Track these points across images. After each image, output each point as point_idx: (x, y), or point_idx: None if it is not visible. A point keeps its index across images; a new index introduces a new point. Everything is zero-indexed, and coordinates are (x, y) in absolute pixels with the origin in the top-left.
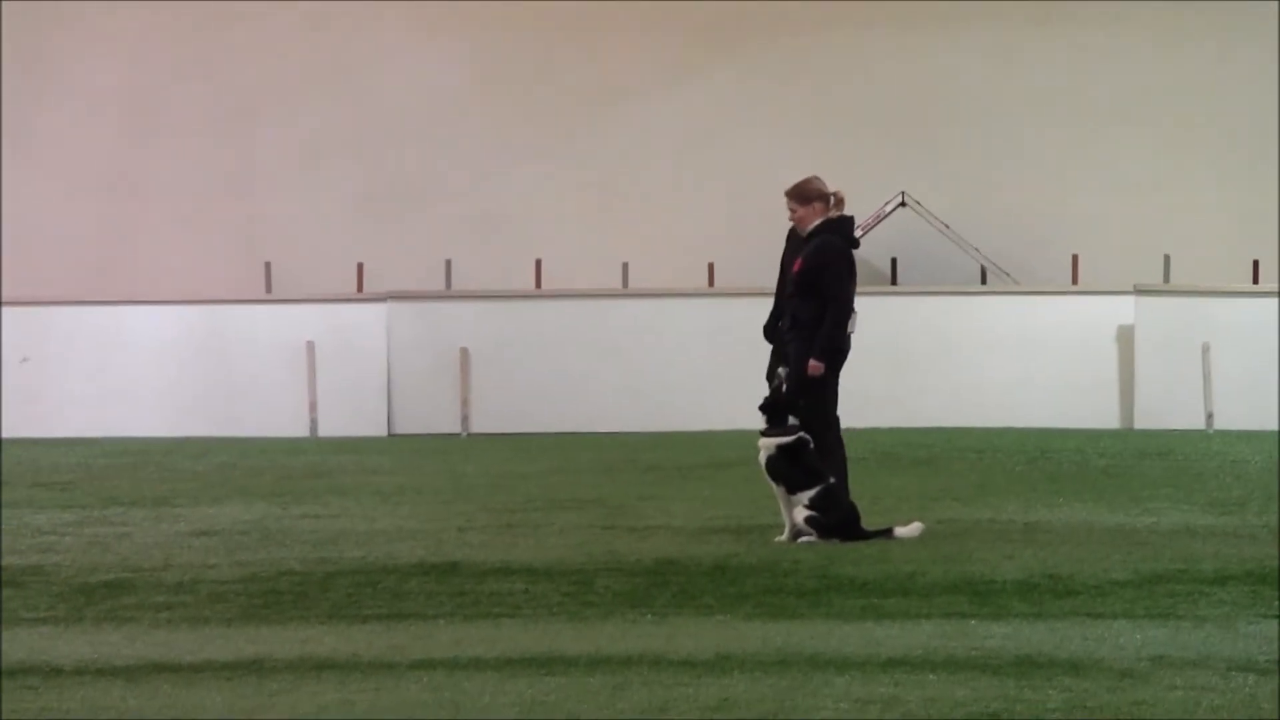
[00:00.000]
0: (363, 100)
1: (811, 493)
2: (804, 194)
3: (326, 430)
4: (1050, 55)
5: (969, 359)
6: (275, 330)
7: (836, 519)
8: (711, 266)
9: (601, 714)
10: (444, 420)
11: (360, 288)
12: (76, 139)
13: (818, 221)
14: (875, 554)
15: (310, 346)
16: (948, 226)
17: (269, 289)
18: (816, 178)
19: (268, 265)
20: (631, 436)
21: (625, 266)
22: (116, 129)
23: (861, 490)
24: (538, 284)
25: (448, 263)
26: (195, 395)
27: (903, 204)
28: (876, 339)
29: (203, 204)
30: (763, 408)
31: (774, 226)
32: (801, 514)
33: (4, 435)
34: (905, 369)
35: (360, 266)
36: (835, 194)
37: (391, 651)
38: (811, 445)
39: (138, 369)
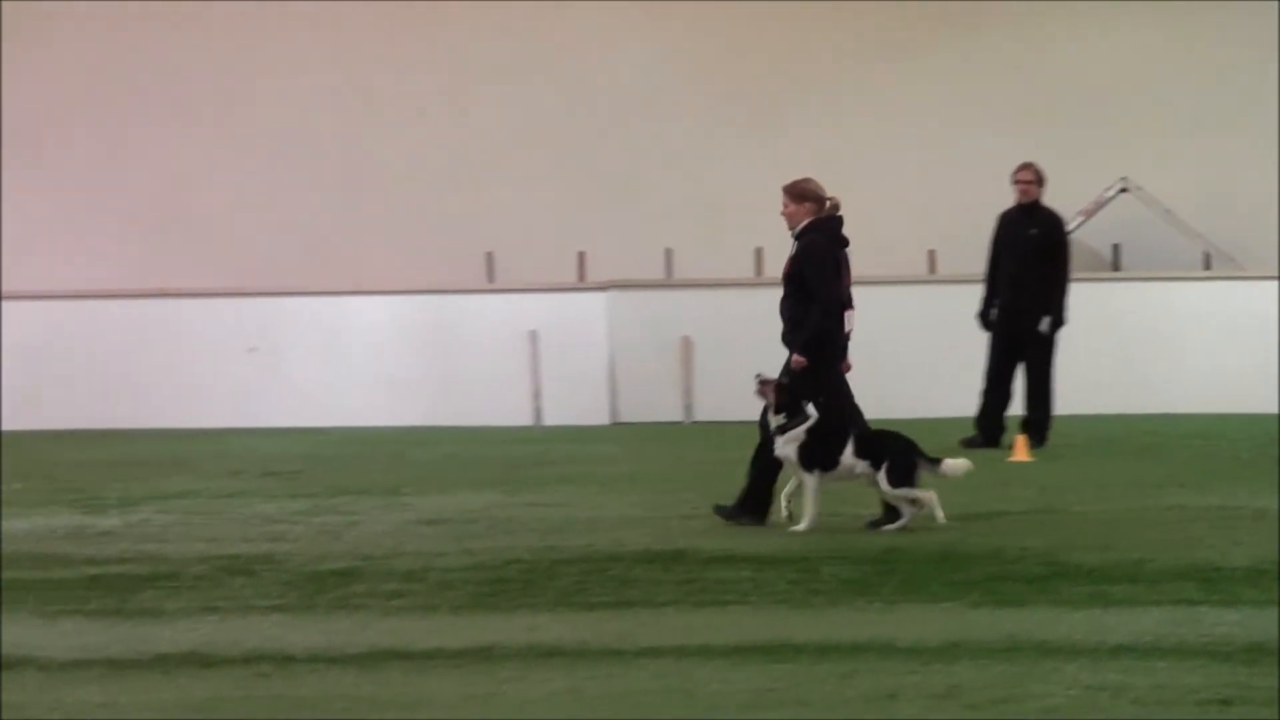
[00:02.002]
0: (584, 88)
1: (883, 470)
2: (798, 193)
3: (551, 419)
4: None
5: (1193, 345)
6: (498, 320)
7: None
8: (932, 253)
9: (829, 702)
10: (667, 408)
11: (582, 277)
12: (302, 130)
13: (806, 221)
14: (1102, 541)
15: (533, 336)
16: (1169, 212)
17: (491, 279)
18: (814, 180)
19: (489, 255)
20: None
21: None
22: (341, 119)
23: (1086, 477)
24: (758, 272)
25: (668, 251)
26: (420, 385)
27: (1124, 190)
28: (1099, 325)
29: (426, 194)
30: (777, 409)
31: (992, 213)
32: (893, 490)
33: (236, 425)
34: (1128, 355)
35: (581, 255)
36: (831, 199)
37: (619, 639)
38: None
39: (364, 359)
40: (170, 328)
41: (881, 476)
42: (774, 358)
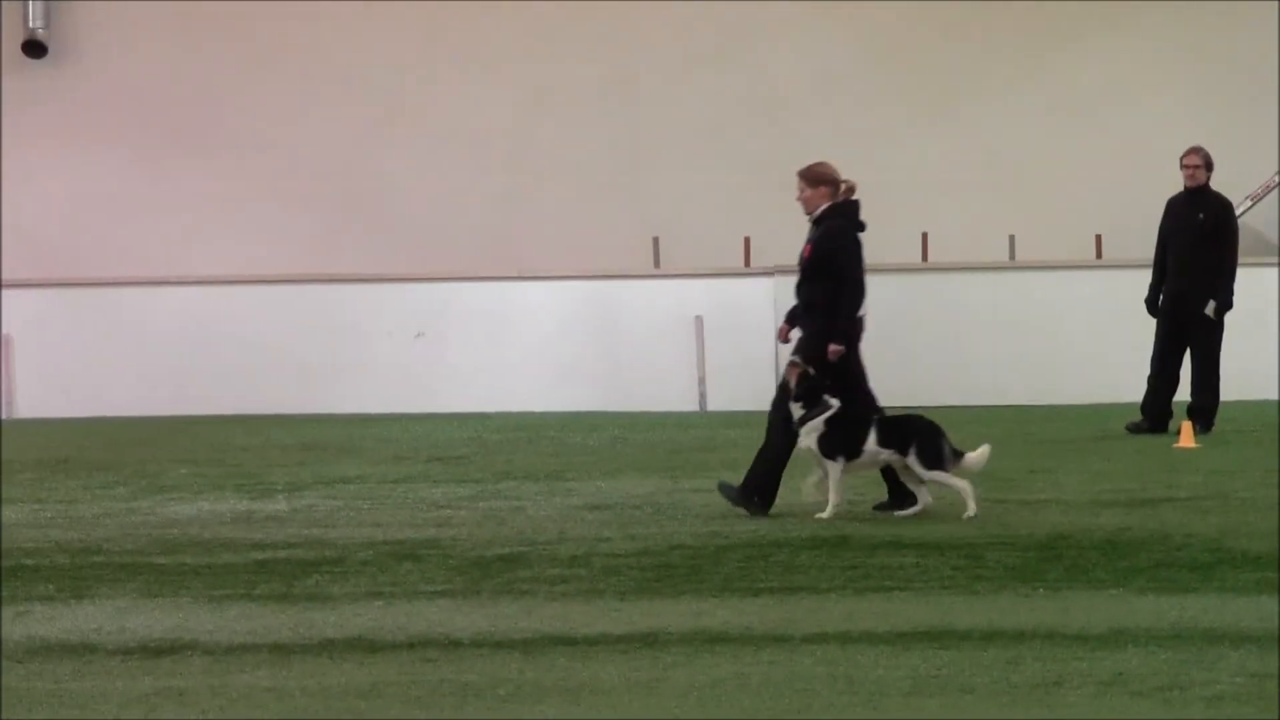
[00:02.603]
0: (750, 74)
1: (912, 453)
2: (814, 177)
3: (715, 404)
4: None
5: None
6: (664, 305)
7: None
8: (1099, 238)
9: (994, 688)
10: None
11: (747, 262)
12: (470, 115)
13: (825, 205)
14: (1269, 527)
15: (699, 321)
16: None
17: (657, 264)
18: (829, 163)
19: (656, 240)
20: (1020, 409)
21: (1012, 239)
22: (510, 105)
23: (1252, 462)
24: (924, 257)
25: None
26: (586, 370)
27: None
28: (1267, 310)
29: (593, 179)
30: (796, 397)
31: (1160, 197)
32: (929, 473)
33: (402, 410)
34: None
35: (747, 241)
36: (846, 182)
37: (784, 625)
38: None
39: (529, 344)
40: (339, 313)
41: (914, 460)
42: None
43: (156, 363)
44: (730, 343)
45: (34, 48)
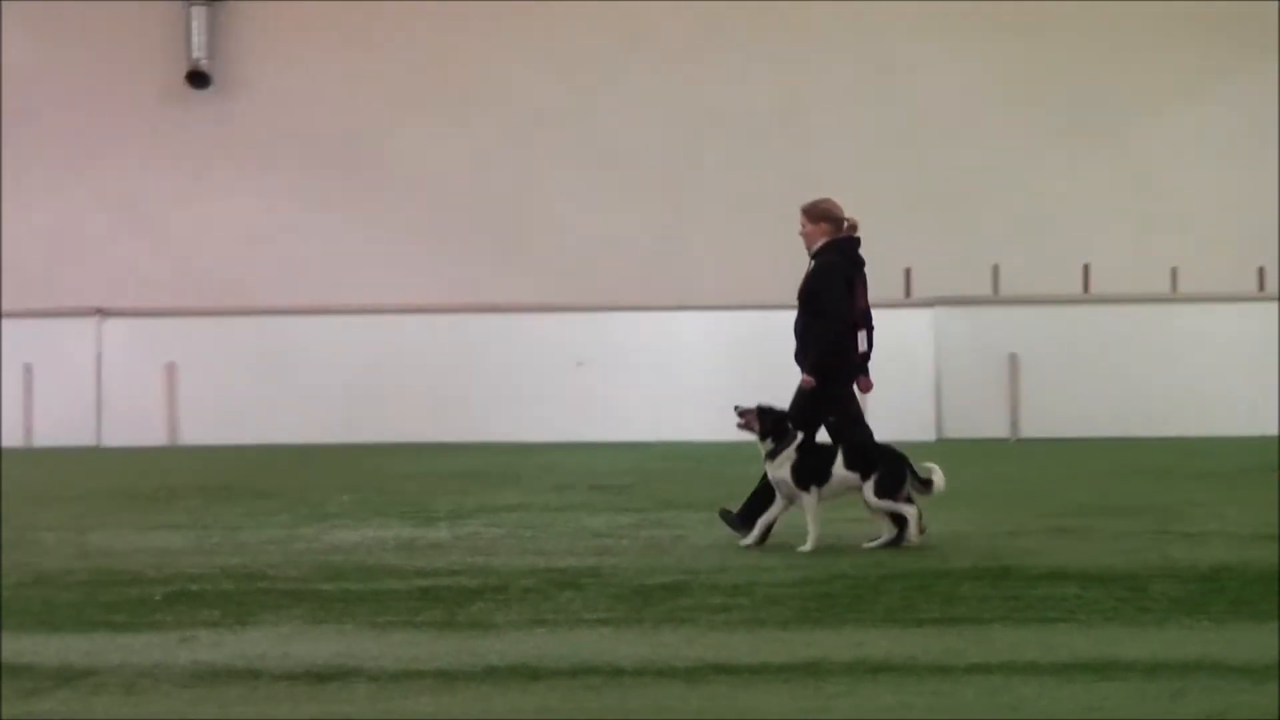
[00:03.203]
0: (909, 106)
1: (871, 480)
2: (817, 213)
3: (876, 434)
4: None
5: None
6: None
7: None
8: (1261, 270)
9: None
10: (993, 424)
11: (908, 293)
12: (632, 147)
13: (822, 241)
14: None
15: None
16: None
17: None
18: (832, 200)
19: None
20: (1182, 441)
21: (1174, 271)
22: (672, 136)
23: None
24: (1085, 288)
25: (995, 268)
26: (746, 399)
27: None
28: None
29: (754, 209)
30: (763, 434)
31: None
32: (877, 500)
33: (564, 439)
34: None
35: (908, 272)
36: (849, 220)
37: (947, 655)
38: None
39: (690, 373)
40: (501, 342)
41: (868, 486)
42: (1102, 373)
43: (319, 391)
44: (890, 373)
45: (197, 78)
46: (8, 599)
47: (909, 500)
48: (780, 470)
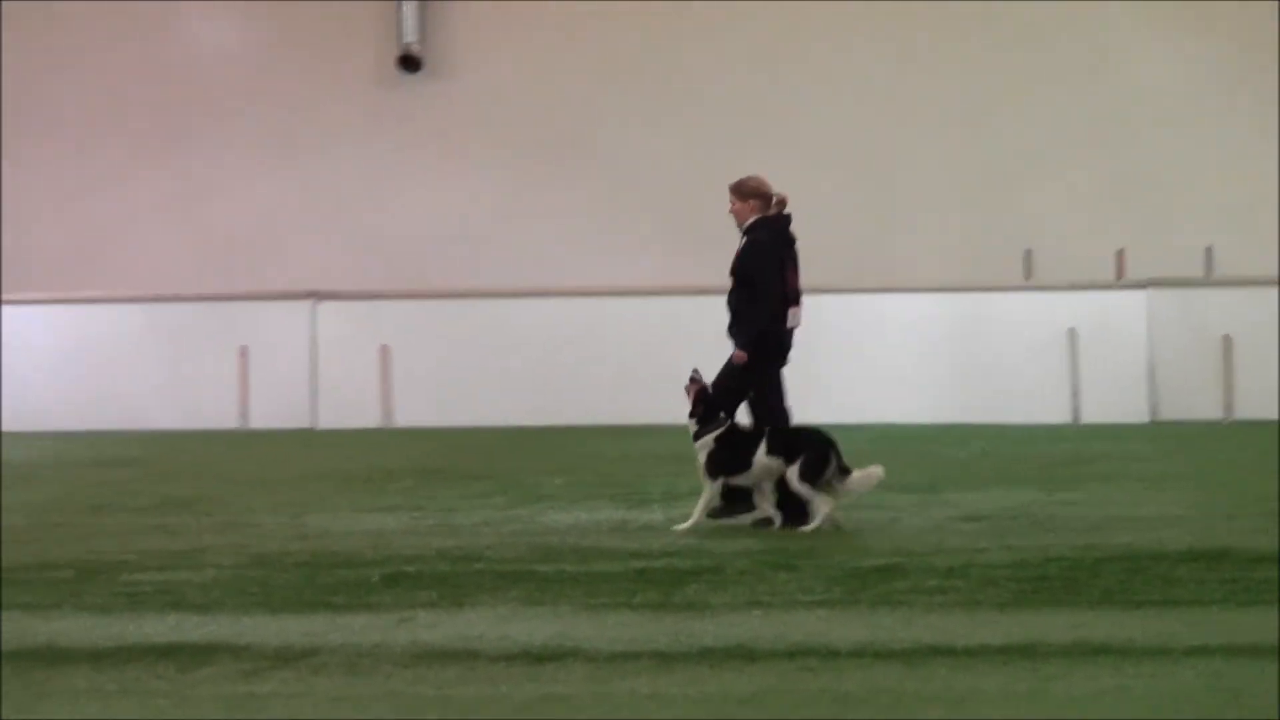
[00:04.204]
0: (1120, 87)
1: (796, 465)
2: (742, 190)
3: (1088, 417)
4: None
5: None
6: (1036, 317)
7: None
8: None
9: None
10: (1206, 407)
11: (1120, 274)
12: (839, 127)
13: (753, 219)
14: None
15: (1071, 334)
16: None
17: (1029, 276)
18: (758, 177)
19: (1028, 252)
20: None
21: None
22: (881, 117)
23: None
24: None
25: (1208, 250)
26: (956, 382)
27: None
28: None
29: (963, 192)
30: (692, 413)
31: None
32: (799, 485)
33: None
34: None
35: (1120, 253)
36: (778, 196)
37: (1165, 638)
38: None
39: (899, 356)
40: (710, 324)
41: (793, 471)
42: None
43: (530, 373)
44: (1103, 355)
45: (408, 62)
46: (226, 580)
47: (829, 486)
48: (700, 455)
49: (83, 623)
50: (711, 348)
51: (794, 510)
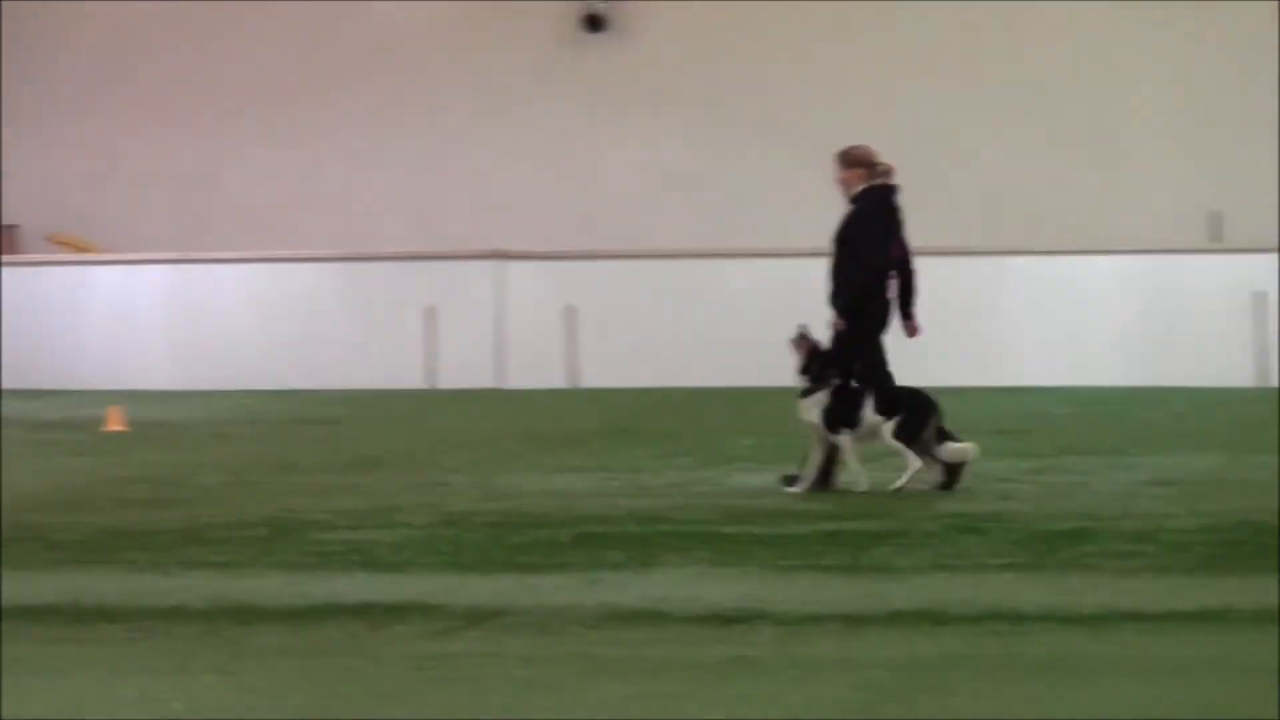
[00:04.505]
0: None
1: (893, 421)
2: (848, 159)
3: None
4: None
5: None
6: (1224, 280)
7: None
8: None
9: None
10: None
11: None
12: (1029, 85)
13: (860, 188)
14: None
15: (1259, 297)
16: None
17: (1217, 238)
18: (865, 146)
19: (1216, 215)
20: None
21: None
22: (1069, 74)
23: None
24: None
25: None
26: (1147, 345)
27: None
28: None
29: (1152, 154)
30: (802, 371)
31: None
32: (893, 441)
33: (963, 383)
34: None
35: None
36: (883, 165)
37: None
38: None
39: (1090, 318)
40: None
41: (889, 425)
42: None
43: (719, 335)
44: None
45: (593, 22)
46: (417, 539)
47: (927, 450)
48: (811, 413)
49: (275, 581)
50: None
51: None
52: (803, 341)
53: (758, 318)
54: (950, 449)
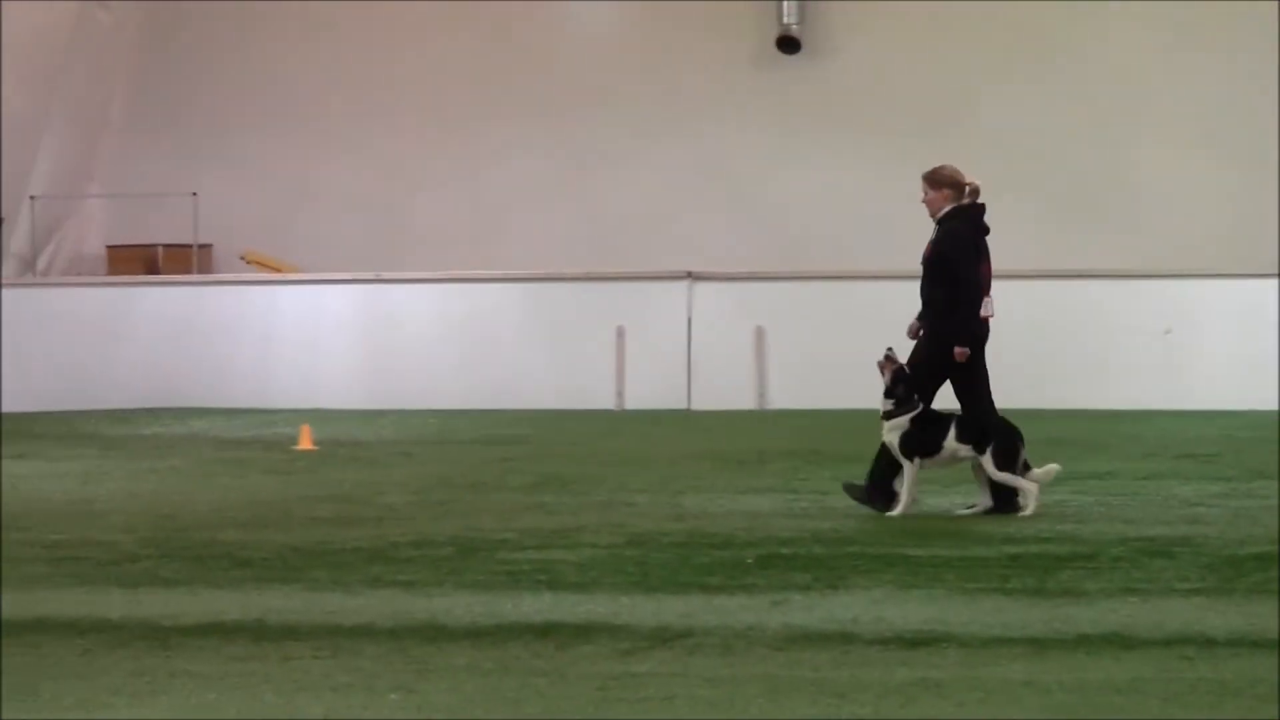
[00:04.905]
0: None
1: (988, 454)
2: (936, 179)
3: None
4: None
5: None
6: None
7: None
8: None
9: None
10: None
11: None
12: (1221, 112)
13: (947, 208)
14: None
15: None
16: None
17: None
18: (952, 166)
19: None
20: None
21: None
22: (1259, 101)
23: None
24: None
25: None
26: None
27: None
28: None
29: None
30: (887, 393)
31: None
32: (998, 473)
33: (1150, 406)
34: None
35: None
36: (970, 184)
37: None
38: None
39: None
40: (1087, 308)
41: (988, 459)
42: None
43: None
44: None
45: (788, 43)
46: (603, 559)
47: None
48: (891, 435)
49: (461, 600)
50: (1094, 331)
51: (1003, 497)
52: (889, 364)
53: None
54: (1038, 472)
